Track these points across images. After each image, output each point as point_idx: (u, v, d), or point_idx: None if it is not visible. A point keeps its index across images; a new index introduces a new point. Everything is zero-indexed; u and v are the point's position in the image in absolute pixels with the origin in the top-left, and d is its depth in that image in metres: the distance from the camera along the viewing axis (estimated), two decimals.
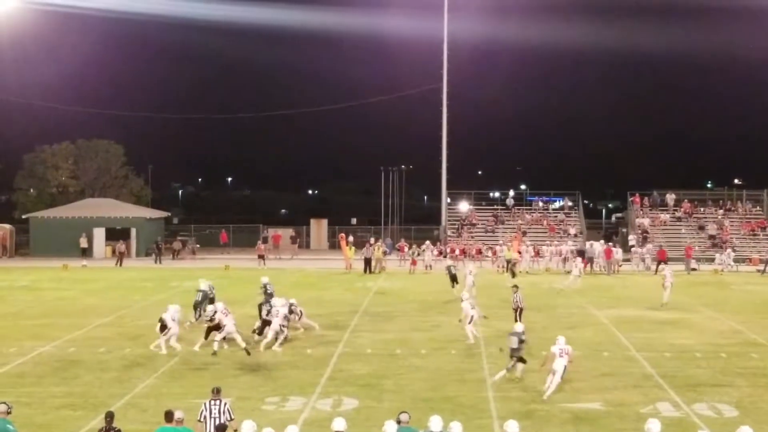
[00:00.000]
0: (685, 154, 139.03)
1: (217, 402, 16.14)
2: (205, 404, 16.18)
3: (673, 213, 64.42)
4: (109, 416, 15.30)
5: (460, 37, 70.15)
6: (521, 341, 23.30)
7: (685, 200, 65.63)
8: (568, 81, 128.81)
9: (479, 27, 78.50)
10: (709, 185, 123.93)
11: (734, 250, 56.39)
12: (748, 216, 64.10)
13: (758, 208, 65.53)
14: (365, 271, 51.57)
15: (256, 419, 15.32)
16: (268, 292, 31.06)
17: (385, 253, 54.35)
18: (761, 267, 53.19)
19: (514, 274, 48.89)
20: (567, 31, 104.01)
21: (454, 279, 40.40)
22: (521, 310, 31.00)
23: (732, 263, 54.61)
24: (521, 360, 23.30)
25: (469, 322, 28.72)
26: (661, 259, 52.16)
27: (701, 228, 61.56)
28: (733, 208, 65.12)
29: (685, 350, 27.61)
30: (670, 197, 65.78)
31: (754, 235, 61.46)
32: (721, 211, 64.14)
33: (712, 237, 59.98)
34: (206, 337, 27.16)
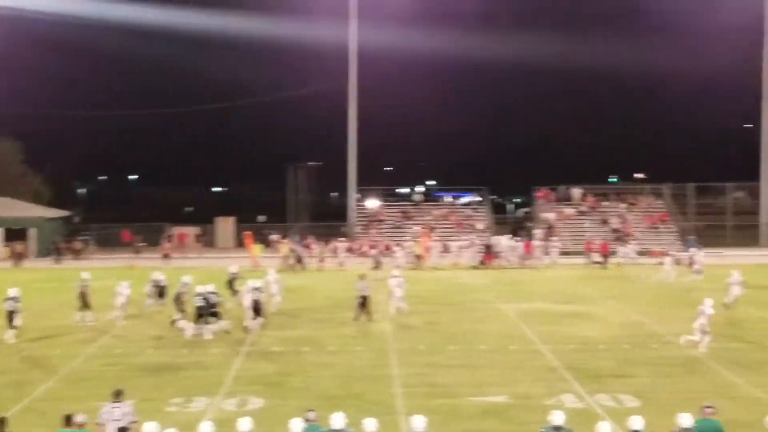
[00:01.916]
0: (590, 150, 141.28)
1: (119, 404, 15.76)
2: (105, 407, 15.79)
3: (578, 207, 65.38)
4: (1, 422, 14.80)
5: (367, 36, 70.21)
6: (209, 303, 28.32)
7: (590, 194, 66.71)
8: (474, 80, 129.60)
9: (386, 29, 78.69)
10: (613, 180, 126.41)
11: (637, 243, 57.45)
12: (650, 209, 65.40)
13: (660, 201, 66.91)
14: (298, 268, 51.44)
15: (160, 421, 14.98)
16: (161, 285, 32.57)
17: (292, 250, 54.03)
18: (660, 260, 54.23)
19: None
20: (473, 35, 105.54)
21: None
22: (365, 298, 31.95)
23: (635, 256, 55.61)
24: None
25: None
26: (604, 252, 53.25)
27: (605, 221, 62.61)
28: (635, 202, 66.37)
29: (589, 342, 28.01)
30: (576, 191, 66.76)
31: (655, 228, 62.73)
32: (623, 205, 65.31)
33: (615, 230, 61.03)
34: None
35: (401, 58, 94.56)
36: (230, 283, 35.13)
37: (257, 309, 30.25)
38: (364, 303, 32.12)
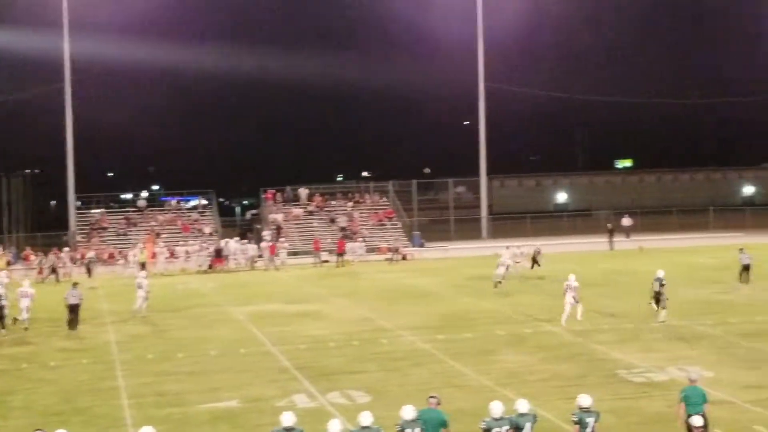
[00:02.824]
0: (316, 150, 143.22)
1: None
2: None
3: (306, 207, 65.82)
4: None
5: (84, 44, 68.05)
6: None
7: (317, 194, 67.34)
8: (196, 85, 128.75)
9: (102, 38, 76.78)
10: (339, 178, 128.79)
11: (365, 240, 58.56)
12: (376, 207, 66.82)
13: (385, 199, 68.52)
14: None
15: None
16: None
17: (9, 263, 51.14)
18: (389, 255, 55.62)
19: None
20: (191, 45, 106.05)
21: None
22: (76, 306, 31.25)
23: (363, 253, 56.65)
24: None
25: None
26: (340, 251, 53.57)
27: (332, 220, 63.37)
28: (361, 200, 67.63)
29: (320, 341, 28.08)
30: (303, 192, 67.18)
31: (382, 225, 64.18)
32: (350, 204, 66.37)
33: (343, 229, 61.88)
34: None
35: (119, 66, 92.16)
36: None
37: None
38: (74, 310, 30.88)
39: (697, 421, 14.14)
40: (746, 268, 38.62)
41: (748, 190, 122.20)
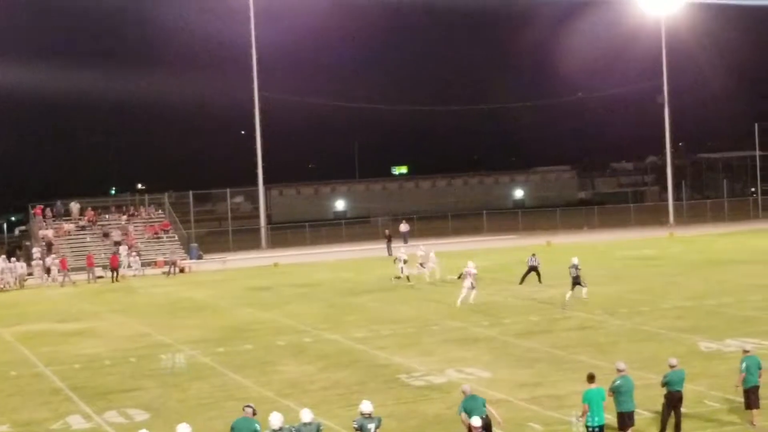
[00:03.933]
0: (87, 163, 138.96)
1: None
2: None
3: (78, 222, 63.61)
4: None
5: None
6: None
7: (89, 208, 65.18)
8: None
9: None
10: (113, 192, 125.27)
11: (140, 255, 57.20)
12: (151, 220, 65.38)
13: (160, 211, 67.14)
14: None
15: None
16: None
17: None
18: (167, 269, 54.61)
19: None
20: None
21: None
22: None
23: (140, 267, 55.33)
24: None
25: None
26: (114, 266, 51.70)
27: (106, 235, 61.49)
28: (136, 213, 66.00)
29: (94, 359, 27.20)
30: (74, 206, 64.86)
31: (158, 238, 62.87)
32: (125, 217, 64.64)
33: (117, 243, 60.16)
34: None
35: None
36: None
37: None
38: None
39: (476, 421, 14.54)
40: (534, 269, 39.84)
41: (519, 193, 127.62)
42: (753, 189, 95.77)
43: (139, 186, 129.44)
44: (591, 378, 15.87)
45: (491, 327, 29.44)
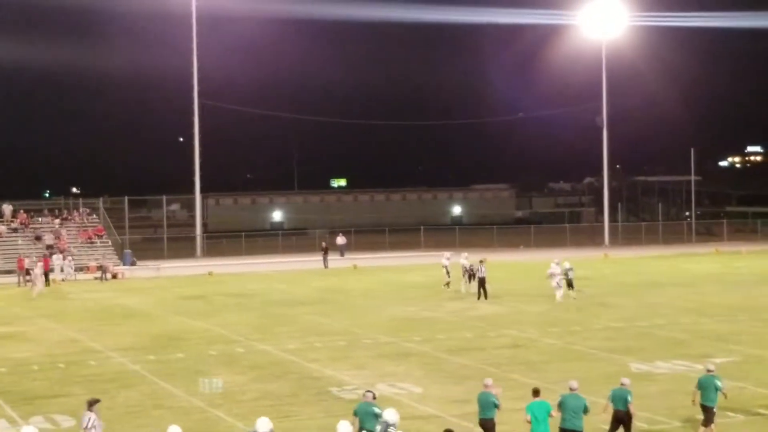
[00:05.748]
0: (21, 165, 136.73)
1: None
2: None
3: (9, 224, 62.56)
4: None
5: None
6: None
7: (21, 210, 64.15)
8: None
9: None
10: (46, 195, 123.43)
11: (73, 258, 56.37)
12: (85, 224, 64.50)
13: (95, 216, 66.28)
14: None
15: None
16: None
17: None
18: (99, 274, 53.93)
19: None
20: None
21: None
22: None
23: (71, 272, 54.54)
24: None
25: None
26: (45, 270, 50.49)
27: (38, 238, 60.54)
28: (69, 217, 65.09)
29: (22, 364, 26.73)
30: (6, 208, 63.81)
31: (92, 243, 62.04)
32: (58, 221, 63.71)
33: (49, 247, 59.24)
34: None
35: None
36: None
37: None
38: None
39: None
40: (481, 281, 39.87)
41: (457, 210, 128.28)
42: (687, 213, 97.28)
43: (74, 190, 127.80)
44: (536, 392, 16.34)
45: (424, 342, 29.48)
